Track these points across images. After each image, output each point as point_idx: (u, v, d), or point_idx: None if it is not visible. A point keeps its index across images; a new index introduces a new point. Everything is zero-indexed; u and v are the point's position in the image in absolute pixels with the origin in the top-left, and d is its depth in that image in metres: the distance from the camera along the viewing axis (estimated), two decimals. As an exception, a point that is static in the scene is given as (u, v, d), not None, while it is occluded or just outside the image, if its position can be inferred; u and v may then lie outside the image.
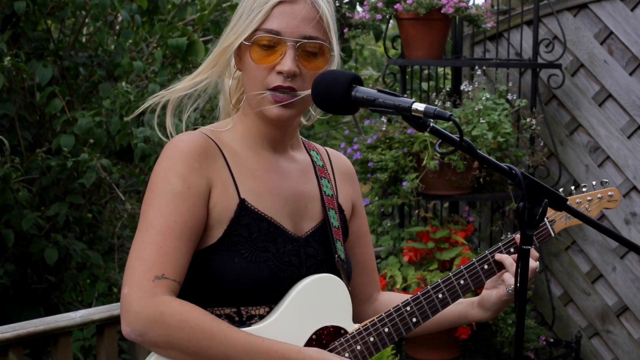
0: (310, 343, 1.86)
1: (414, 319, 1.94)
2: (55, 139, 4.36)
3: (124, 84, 4.31)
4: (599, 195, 2.26)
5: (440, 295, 1.97)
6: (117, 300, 4.75)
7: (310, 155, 2.03)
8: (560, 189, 2.31)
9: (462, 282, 2.00)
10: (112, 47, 4.89)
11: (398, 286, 4.10)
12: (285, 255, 1.86)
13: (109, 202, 5.06)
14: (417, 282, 4.08)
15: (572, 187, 2.26)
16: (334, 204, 1.99)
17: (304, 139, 2.06)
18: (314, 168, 2.01)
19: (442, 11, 4.21)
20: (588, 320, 4.67)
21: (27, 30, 4.60)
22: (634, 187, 4.48)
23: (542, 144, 4.57)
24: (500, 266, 2.04)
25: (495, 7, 4.78)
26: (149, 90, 4.30)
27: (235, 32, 1.86)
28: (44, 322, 3.20)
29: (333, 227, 1.95)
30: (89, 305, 4.50)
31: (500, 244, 2.06)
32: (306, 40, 1.84)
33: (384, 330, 1.92)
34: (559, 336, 4.70)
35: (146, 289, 1.71)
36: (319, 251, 1.93)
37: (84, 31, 5.21)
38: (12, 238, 4.27)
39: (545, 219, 2.13)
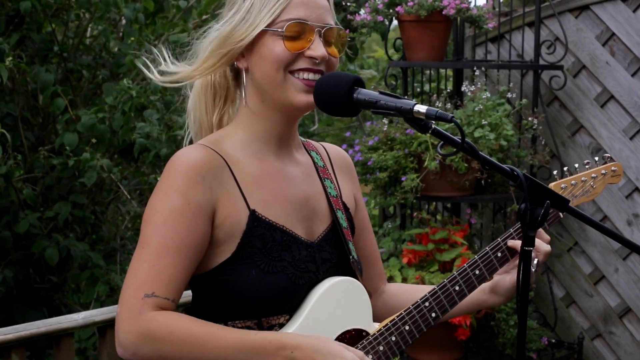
0: None
1: (433, 314, 1.93)
2: (59, 137, 4.37)
3: (125, 80, 4.33)
4: (603, 172, 2.23)
5: (457, 288, 1.96)
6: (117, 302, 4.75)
7: (310, 156, 2.00)
8: (565, 168, 2.28)
9: (477, 272, 1.99)
10: (116, 49, 4.91)
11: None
12: (301, 262, 1.84)
13: (111, 202, 5.06)
14: (417, 283, 4.08)
15: (575, 165, 2.23)
16: (340, 204, 1.98)
17: (302, 138, 2.03)
18: (316, 170, 1.98)
19: (443, 13, 4.21)
20: (590, 321, 4.67)
21: (32, 33, 4.61)
22: (637, 189, 4.48)
23: (543, 142, 4.57)
24: (512, 252, 2.03)
25: (497, 9, 4.78)
26: (151, 86, 4.31)
27: (252, 21, 1.81)
28: (47, 324, 3.21)
29: (342, 227, 1.94)
30: (87, 306, 4.50)
31: (511, 229, 2.04)
32: (329, 27, 1.84)
33: (404, 328, 1.90)
34: (561, 337, 4.69)
35: (134, 308, 1.70)
36: (333, 254, 1.92)
37: (88, 34, 5.22)
38: (10, 241, 4.27)
39: None
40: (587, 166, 2.23)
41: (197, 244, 1.75)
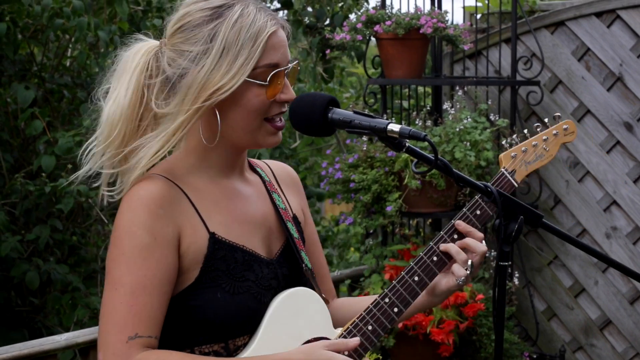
0: None
1: (395, 309, 1.91)
2: (36, 160, 4.37)
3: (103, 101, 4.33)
4: (554, 132, 2.13)
5: (416, 278, 1.93)
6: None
7: (257, 173, 2.01)
8: (514, 135, 2.15)
9: (435, 258, 1.95)
10: (96, 70, 4.92)
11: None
12: (264, 280, 1.84)
13: (93, 224, 5.06)
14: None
15: (525, 131, 2.12)
16: (289, 216, 1.98)
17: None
18: (265, 185, 1.99)
19: (420, 31, 4.26)
20: (572, 334, 4.70)
21: (8, 53, 4.61)
22: (614, 202, 4.53)
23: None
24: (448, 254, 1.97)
25: (474, 26, 4.83)
26: None
27: (229, 70, 1.75)
28: (28, 346, 3.21)
29: (294, 238, 1.95)
30: (68, 330, 4.49)
31: (442, 232, 1.98)
32: (292, 65, 1.84)
33: (367, 328, 1.88)
34: (543, 351, 4.72)
35: (120, 353, 1.68)
36: (292, 269, 1.92)
37: (68, 54, 5.23)
38: None
39: (502, 169, 2.05)
40: (538, 129, 2.15)
41: (170, 277, 1.74)
